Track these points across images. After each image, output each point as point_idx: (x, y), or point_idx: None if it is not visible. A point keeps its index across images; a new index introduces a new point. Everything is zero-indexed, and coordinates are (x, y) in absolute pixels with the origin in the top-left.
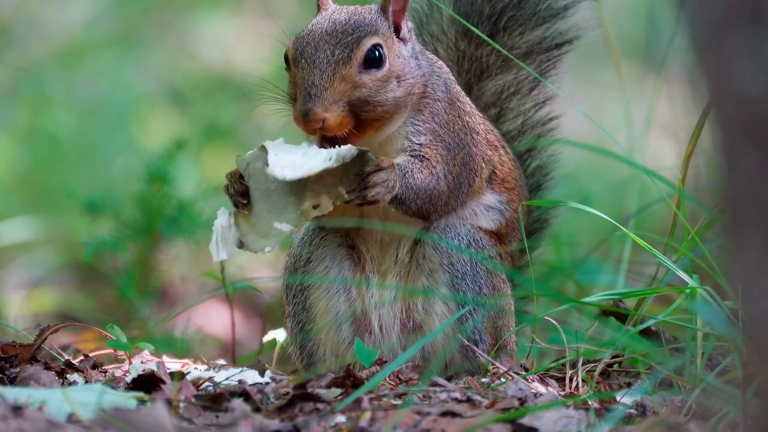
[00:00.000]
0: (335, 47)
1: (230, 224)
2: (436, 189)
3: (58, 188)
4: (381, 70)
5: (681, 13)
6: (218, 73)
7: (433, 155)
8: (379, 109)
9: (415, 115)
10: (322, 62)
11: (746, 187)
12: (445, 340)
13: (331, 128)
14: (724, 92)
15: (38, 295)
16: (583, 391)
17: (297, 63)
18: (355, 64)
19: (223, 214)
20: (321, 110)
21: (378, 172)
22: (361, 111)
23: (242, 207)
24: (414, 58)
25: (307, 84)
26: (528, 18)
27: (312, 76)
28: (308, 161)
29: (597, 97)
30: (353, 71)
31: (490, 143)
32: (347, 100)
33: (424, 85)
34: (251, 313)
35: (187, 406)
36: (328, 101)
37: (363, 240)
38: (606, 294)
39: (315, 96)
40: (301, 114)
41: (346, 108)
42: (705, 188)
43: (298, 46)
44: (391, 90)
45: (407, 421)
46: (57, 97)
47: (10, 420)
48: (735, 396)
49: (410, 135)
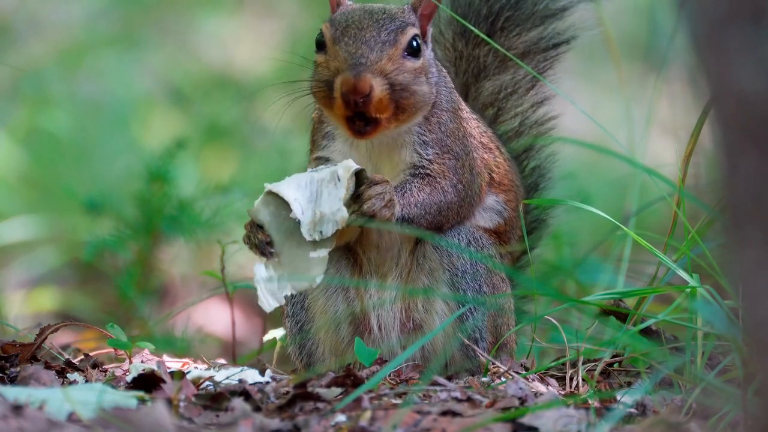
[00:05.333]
0: (381, 30)
1: (271, 273)
2: (444, 201)
3: (59, 188)
4: (418, 61)
5: (681, 12)
6: (218, 73)
7: (440, 170)
8: (413, 99)
9: (423, 123)
10: (369, 40)
11: (746, 187)
12: (446, 339)
13: (375, 100)
14: (725, 91)
15: (38, 295)
16: (583, 391)
17: (338, 41)
18: (400, 47)
19: (260, 268)
20: (371, 77)
21: (372, 186)
22: (400, 97)
23: (270, 255)
24: (432, 65)
25: (355, 56)
26: (525, 18)
27: (360, 50)
28: (331, 205)
29: (597, 96)
30: (398, 54)
31: (485, 146)
32: (391, 81)
33: (436, 93)
34: (251, 313)
35: (188, 405)
36: (377, 73)
37: (360, 244)
38: (606, 293)
39: (365, 64)
40: (352, 77)
41: (389, 88)
42: (705, 187)
43: (338, 26)
44: (424, 83)
45: (407, 420)
46: (57, 96)
47: (10, 419)
48: (735, 395)
49: (417, 146)
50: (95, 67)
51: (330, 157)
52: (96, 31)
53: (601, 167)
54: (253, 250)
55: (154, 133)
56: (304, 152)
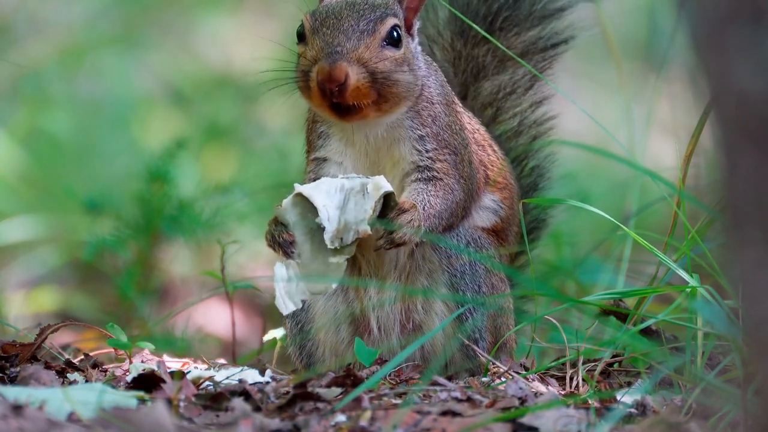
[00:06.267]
0: (359, 19)
1: (291, 275)
2: (454, 201)
3: (59, 187)
4: (399, 51)
5: (681, 12)
6: (218, 73)
7: (443, 168)
8: (395, 88)
9: (415, 117)
10: (347, 30)
11: (746, 187)
12: (445, 340)
13: (351, 87)
14: (725, 91)
15: (39, 295)
16: (583, 391)
17: (317, 31)
18: (379, 37)
19: (280, 268)
20: (346, 65)
21: (401, 214)
22: (381, 86)
23: (292, 256)
24: (417, 57)
25: (331, 44)
26: (524, 18)
27: (337, 38)
28: (355, 213)
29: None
30: (376, 43)
31: (478, 143)
32: (370, 70)
33: (422, 86)
34: (251, 313)
35: (188, 405)
36: (353, 60)
37: (359, 247)
38: (606, 293)
39: (340, 52)
40: (327, 65)
41: (368, 77)
42: (705, 187)
43: (318, 17)
44: (405, 73)
45: (407, 420)
46: (57, 96)
47: (10, 419)
48: (735, 395)
49: (414, 141)
50: (95, 67)
51: (327, 156)
52: (96, 31)
53: (601, 167)
54: (276, 249)
55: (154, 133)
56: (303, 152)
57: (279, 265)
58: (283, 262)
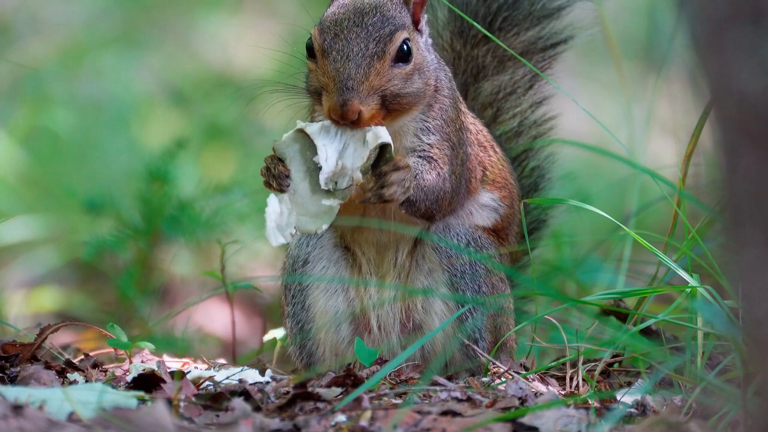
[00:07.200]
0: (368, 41)
1: (283, 209)
2: (442, 189)
3: (59, 187)
4: (408, 65)
5: (681, 12)
6: (218, 73)
7: (440, 156)
8: (404, 101)
9: (426, 111)
10: (356, 56)
11: (746, 187)
12: (445, 339)
13: (364, 121)
14: (725, 91)
15: (39, 295)
16: (583, 391)
17: (327, 54)
18: (389, 59)
19: (273, 201)
20: (358, 102)
21: (395, 171)
22: (390, 104)
23: (286, 189)
24: (428, 51)
25: (343, 77)
26: (523, 18)
27: (348, 69)
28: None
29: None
30: (386, 66)
31: (480, 144)
32: (381, 94)
33: (436, 79)
34: (251, 313)
35: (188, 405)
36: (364, 94)
37: (358, 244)
38: (606, 293)
39: (352, 88)
40: (339, 105)
41: (378, 101)
42: (705, 187)
43: (326, 37)
44: (414, 83)
45: (407, 420)
46: (57, 96)
47: (10, 419)
48: (735, 395)
49: (419, 133)
50: (95, 67)
51: None
52: (96, 31)
53: (601, 167)
54: (270, 181)
55: (154, 133)
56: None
57: (272, 197)
58: (277, 196)
